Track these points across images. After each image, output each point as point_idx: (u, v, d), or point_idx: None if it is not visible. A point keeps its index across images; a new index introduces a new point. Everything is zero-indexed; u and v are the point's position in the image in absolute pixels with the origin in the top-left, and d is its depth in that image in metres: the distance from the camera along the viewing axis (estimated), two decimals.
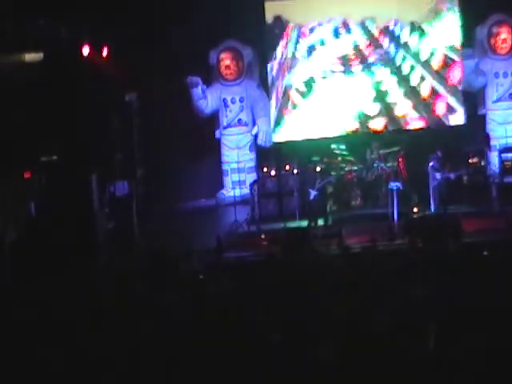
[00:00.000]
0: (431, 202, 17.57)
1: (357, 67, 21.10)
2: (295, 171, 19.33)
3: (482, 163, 19.09)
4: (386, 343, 6.61)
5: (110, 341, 7.33)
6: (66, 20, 16.23)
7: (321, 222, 17.45)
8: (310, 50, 21.26)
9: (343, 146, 19.90)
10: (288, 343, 6.85)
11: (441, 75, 20.65)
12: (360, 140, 20.49)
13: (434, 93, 20.73)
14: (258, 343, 6.94)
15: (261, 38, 21.48)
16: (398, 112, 20.85)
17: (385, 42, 21.03)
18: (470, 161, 19.10)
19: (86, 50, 17.21)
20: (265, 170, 19.87)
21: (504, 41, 20.67)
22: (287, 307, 7.95)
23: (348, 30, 21.16)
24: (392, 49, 20.99)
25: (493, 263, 9.64)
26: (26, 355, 7.12)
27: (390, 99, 20.89)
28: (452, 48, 20.64)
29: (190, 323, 7.71)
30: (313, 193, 17.58)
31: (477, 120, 20.94)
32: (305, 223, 17.57)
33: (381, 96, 20.91)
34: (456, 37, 20.67)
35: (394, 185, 16.87)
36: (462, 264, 9.67)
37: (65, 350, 7.11)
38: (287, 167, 19.57)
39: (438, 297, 7.78)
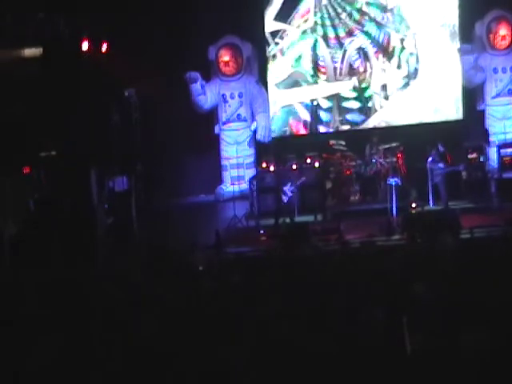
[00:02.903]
0: (430, 197, 17.60)
1: None
2: (294, 166, 19.34)
3: (481, 159, 19.08)
4: (384, 339, 6.63)
5: (110, 337, 7.36)
6: (65, 15, 16.23)
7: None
8: None
9: (342, 142, 19.91)
10: (286, 338, 6.87)
11: None
12: (359, 135, 20.56)
13: None
14: (258, 338, 6.96)
15: (260, 33, 21.52)
16: None
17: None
18: (468, 156, 19.10)
19: (85, 46, 17.19)
20: (264, 165, 19.87)
21: (503, 37, 20.68)
22: (287, 302, 7.97)
23: None
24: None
25: (492, 259, 9.65)
26: (26, 351, 7.14)
27: None
28: None
29: (190, 318, 7.73)
30: (289, 193, 17.60)
31: (476, 115, 20.98)
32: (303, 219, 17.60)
33: None
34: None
35: (392, 180, 16.87)
36: (460, 260, 9.69)
37: (65, 346, 7.14)
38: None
39: (437, 293, 7.79)
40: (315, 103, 21.54)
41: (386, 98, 21.40)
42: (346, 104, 21.57)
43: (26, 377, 6.82)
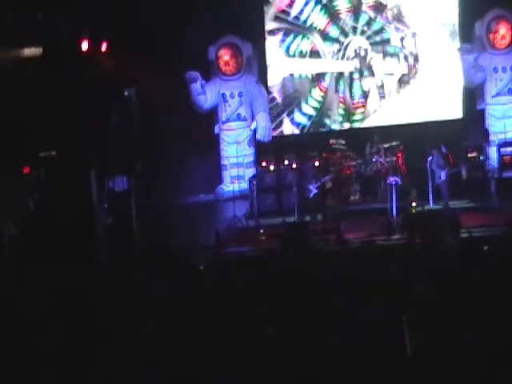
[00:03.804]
0: (430, 196, 17.62)
1: None
2: (294, 166, 19.34)
3: (481, 158, 19.09)
4: (384, 340, 6.63)
5: (110, 337, 7.36)
6: (65, 15, 16.21)
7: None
8: None
9: (342, 141, 19.93)
10: (286, 338, 6.87)
11: None
12: (359, 135, 20.57)
13: None
14: (255, 337, 6.97)
15: (260, 33, 21.54)
16: None
17: None
18: (468, 156, 19.12)
19: (84, 45, 17.17)
20: (263, 164, 19.89)
21: (503, 36, 20.66)
22: (286, 302, 7.97)
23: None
24: None
25: (492, 258, 9.66)
26: (26, 351, 7.14)
27: None
28: None
29: (190, 318, 7.73)
30: (313, 191, 17.63)
31: (476, 115, 20.97)
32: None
33: None
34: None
35: (392, 180, 16.88)
36: (460, 259, 9.69)
37: (65, 345, 7.14)
38: (286, 162, 19.59)
39: (437, 292, 7.79)
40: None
41: (386, 97, 21.40)
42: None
43: (26, 377, 6.83)
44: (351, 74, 21.51)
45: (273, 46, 21.75)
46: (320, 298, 8.00)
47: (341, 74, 21.55)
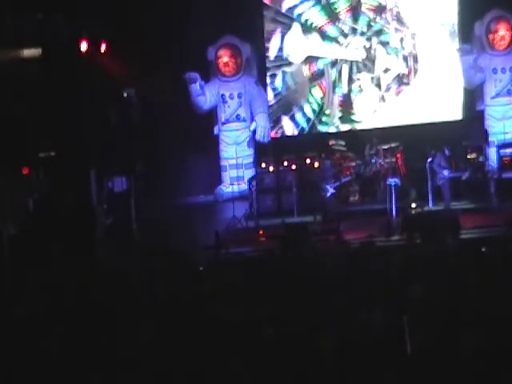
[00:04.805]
0: (430, 197, 17.64)
1: None
2: (293, 167, 19.34)
3: (481, 159, 19.09)
4: (384, 341, 6.64)
5: (110, 337, 7.36)
6: (64, 15, 16.22)
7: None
8: None
9: (342, 142, 19.93)
10: (286, 338, 6.88)
11: None
12: (359, 135, 20.57)
13: None
14: (254, 338, 6.97)
15: (259, 33, 21.53)
16: None
17: None
18: (468, 156, 19.13)
19: (83, 46, 17.17)
20: (263, 165, 19.88)
21: (502, 37, 20.64)
22: (286, 302, 7.97)
23: None
24: None
25: (491, 260, 9.66)
26: (26, 351, 7.14)
27: None
28: None
29: (190, 318, 7.73)
30: (330, 190, 17.63)
31: (475, 116, 20.97)
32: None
33: None
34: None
35: (392, 180, 16.88)
36: (460, 260, 9.69)
37: (65, 346, 7.14)
38: (285, 163, 19.59)
39: (437, 293, 7.80)
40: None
41: (386, 97, 21.39)
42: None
43: (26, 377, 6.83)
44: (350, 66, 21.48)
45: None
46: (320, 298, 8.00)
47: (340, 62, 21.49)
